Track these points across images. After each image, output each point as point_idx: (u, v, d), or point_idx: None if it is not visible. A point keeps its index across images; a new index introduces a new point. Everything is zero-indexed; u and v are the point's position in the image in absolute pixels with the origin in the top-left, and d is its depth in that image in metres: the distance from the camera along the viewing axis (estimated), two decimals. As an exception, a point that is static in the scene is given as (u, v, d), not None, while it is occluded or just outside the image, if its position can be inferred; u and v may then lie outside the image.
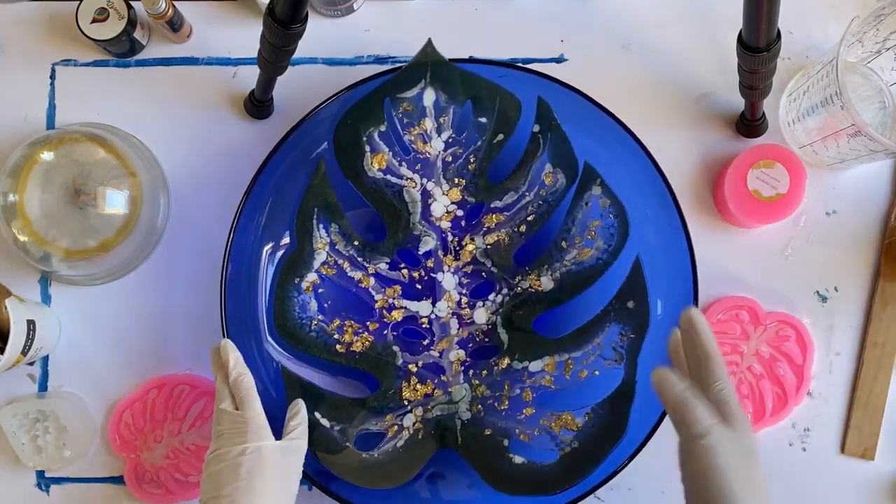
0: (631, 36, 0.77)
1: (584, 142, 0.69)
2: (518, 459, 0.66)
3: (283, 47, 0.63)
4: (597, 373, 0.68)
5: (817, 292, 0.74)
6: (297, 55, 0.66)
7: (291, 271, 0.69)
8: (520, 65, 0.71)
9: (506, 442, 0.67)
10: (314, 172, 0.70)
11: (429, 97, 0.70)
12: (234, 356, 0.62)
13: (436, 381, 0.69)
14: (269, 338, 0.69)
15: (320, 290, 0.70)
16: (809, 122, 0.70)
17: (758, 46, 0.61)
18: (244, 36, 0.77)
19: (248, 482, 0.56)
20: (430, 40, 0.70)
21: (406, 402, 0.69)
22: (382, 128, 0.70)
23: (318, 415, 0.67)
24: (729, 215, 0.73)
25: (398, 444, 0.68)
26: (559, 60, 0.77)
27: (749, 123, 0.73)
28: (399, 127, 0.70)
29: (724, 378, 0.54)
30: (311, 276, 0.69)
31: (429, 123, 0.70)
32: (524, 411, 0.68)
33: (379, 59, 0.76)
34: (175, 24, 0.73)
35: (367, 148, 0.69)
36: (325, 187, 0.69)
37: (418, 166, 0.70)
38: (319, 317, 0.69)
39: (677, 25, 0.77)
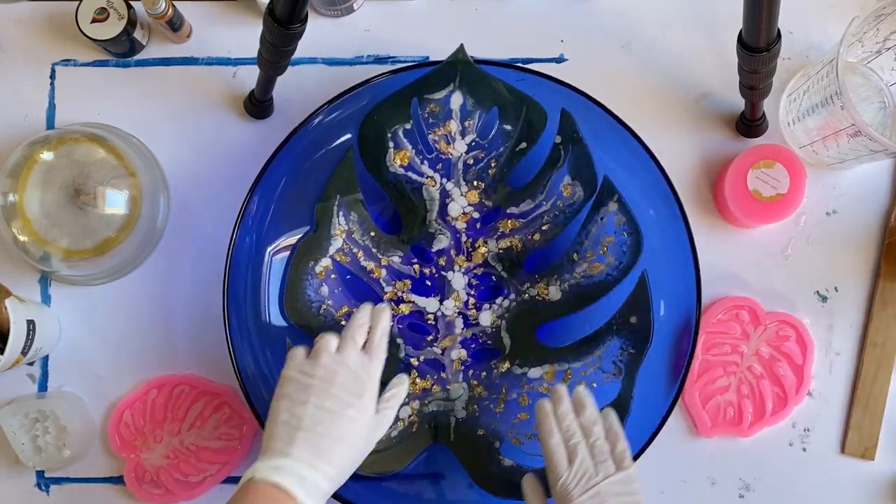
0: (631, 36, 0.77)
1: (588, 144, 0.69)
2: (507, 462, 0.67)
3: (283, 47, 0.63)
4: (594, 385, 0.68)
5: (817, 292, 0.74)
6: (297, 55, 0.66)
7: (307, 254, 0.69)
8: (528, 67, 0.71)
9: (497, 444, 0.68)
10: (341, 160, 0.70)
11: (456, 100, 0.70)
12: (384, 327, 0.61)
13: (435, 377, 0.70)
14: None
15: (332, 276, 0.70)
16: (809, 122, 0.70)
17: (758, 46, 0.61)
18: (244, 36, 0.77)
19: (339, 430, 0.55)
20: (462, 45, 0.70)
21: None
22: (408, 126, 0.70)
23: None
24: (729, 215, 0.73)
25: (392, 433, 0.68)
26: (559, 60, 0.77)
27: (749, 123, 0.73)
28: (424, 126, 0.71)
29: None
30: (325, 262, 0.70)
31: (454, 126, 0.70)
32: (518, 416, 0.69)
33: (379, 59, 0.76)
34: (175, 24, 0.73)
35: (391, 144, 0.70)
36: (350, 176, 0.70)
37: (439, 166, 0.71)
38: (329, 302, 0.70)
39: (677, 25, 0.77)
